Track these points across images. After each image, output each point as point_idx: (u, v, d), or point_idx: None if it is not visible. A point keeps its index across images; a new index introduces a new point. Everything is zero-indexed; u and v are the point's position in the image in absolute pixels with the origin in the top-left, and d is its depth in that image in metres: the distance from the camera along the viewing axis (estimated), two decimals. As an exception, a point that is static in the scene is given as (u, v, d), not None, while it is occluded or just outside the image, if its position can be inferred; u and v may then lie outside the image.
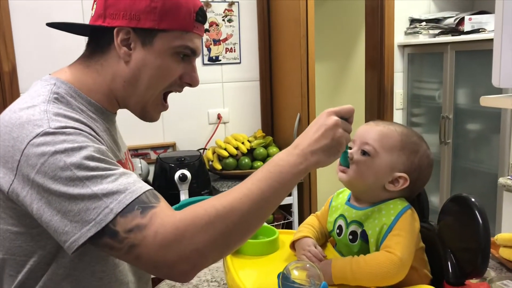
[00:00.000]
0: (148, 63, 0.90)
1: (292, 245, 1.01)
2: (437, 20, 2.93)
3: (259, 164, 2.67)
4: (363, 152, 0.94)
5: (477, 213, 0.86)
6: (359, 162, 0.94)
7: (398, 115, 3.13)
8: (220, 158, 2.72)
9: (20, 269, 0.85)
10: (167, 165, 2.42)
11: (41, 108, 0.80)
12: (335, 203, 1.04)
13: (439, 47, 2.80)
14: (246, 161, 2.67)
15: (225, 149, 2.69)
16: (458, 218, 0.92)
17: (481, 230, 0.85)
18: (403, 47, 3.06)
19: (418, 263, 0.93)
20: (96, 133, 0.85)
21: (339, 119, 0.82)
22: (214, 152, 2.75)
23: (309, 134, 0.81)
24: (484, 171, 2.65)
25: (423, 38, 2.91)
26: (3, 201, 0.81)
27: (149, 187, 0.78)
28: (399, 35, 3.04)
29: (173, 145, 2.83)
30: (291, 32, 2.64)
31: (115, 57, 0.91)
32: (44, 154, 0.74)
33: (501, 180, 2.05)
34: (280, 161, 0.79)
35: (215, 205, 0.75)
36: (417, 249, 0.92)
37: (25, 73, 2.47)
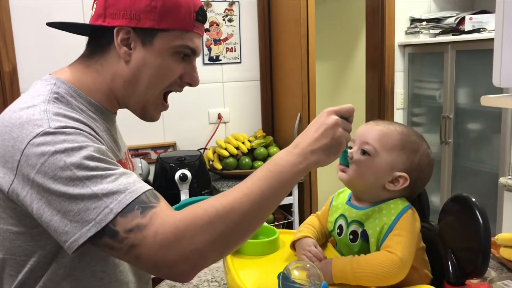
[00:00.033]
0: (148, 63, 0.90)
1: (292, 245, 1.01)
2: (437, 19, 2.93)
3: (259, 163, 2.67)
4: (363, 151, 0.94)
5: (477, 213, 0.86)
6: (359, 161, 0.93)
7: (398, 115, 3.13)
8: (220, 158, 2.72)
9: (20, 269, 0.85)
10: (168, 165, 2.42)
11: (41, 108, 0.80)
12: (336, 202, 1.04)
13: (439, 47, 2.80)
14: (246, 161, 2.67)
15: (226, 149, 2.69)
16: (458, 218, 0.92)
17: (481, 230, 0.84)
18: (403, 46, 3.05)
19: (418, 263, 0.93)
20: (96, 133, 0.85)
21: (339, 118, 0.82)
22: (214, 152, 2.75)
23: (309, 133, 0.81)
24: (484, 171, 2.65)
25: (423, 37, 2.90)
26: (3, 201, 0.81)
27: (149, 187, 0.78)
28: (400, 35, 3.03)
29: (174, 145, 2.83)
30: (292, 31, 2.64)
31: (115, 57, 0.91)
32: (44, 154, 0.74)
33: (502, 180, 2.05)
34: (280, 160, 0.79)
35: (215, 205, 0.74)
36: (418, 249, 0.92)
37: (26, 73, 2.47)
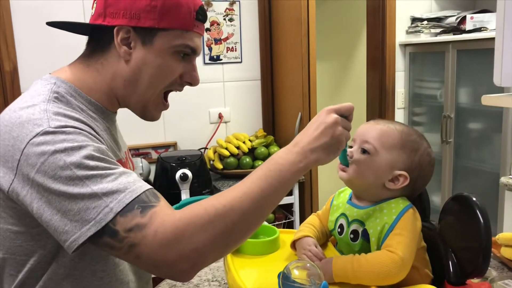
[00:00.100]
0: (148, 62, 0.90)
1: (292, 245, 1.01)
2: (438, 19, 2.92)
3: (260, 163, 2.67)
4: (363, 150, 0.94)
5: (478, 213, 0.85)
6: (359, 160, 0.93)
7: (399, 114, 3.13)
8: (221, 157, 2.72)
9: (20, 268, 0.85)
10: (168, 164, 2.42)
11: (41, 107, 0.80)
12: (337, 202, 1.04)
13: (440, 46, 2.80)
14: (247, 160, 2.67)
15: (226, 149, 2.69)
16: (459, 217, 0.92)
17: (482, 229, 0.84)
18: (404, 46, 3.05)
19: (419, 262, 0.93)
20: (96, 132, 0.85)
21: (339, 117, 0.82)
22: (215, 151, 2.75)
23: (309, 132, 0.81)
24: (485, 170, 2.65)
25: (424, 37, 2.90)
26: (3, 201, 0.81)
27: (149, 186, 0.78)
28: (401, 34, 3.03)
29: (174, 145, 2.83)
30: (293, 31, 2.64)
31: (115, 56, 0.91)
32: (44, 153, 0.74)
33: (503, 179, 2.05)
34: (279, 159, 0.79)
35: (215, 204, 0.74)
36: (419, 248, 0.92)
37: (26, 73, 2.47)
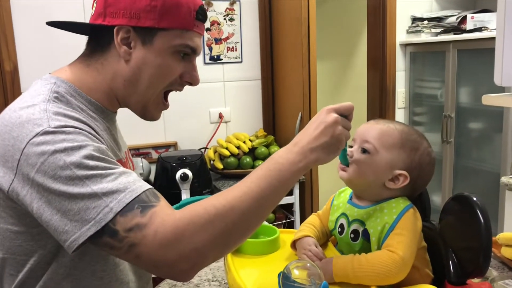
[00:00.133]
0: (148, 62, 0.90)
1: (293, 245, 1.01)
2: (439, 18, 2.92)
3: (260, 163, 2.65)
4: (363, 150, 0.94)
5: (478, 212, 0.85)
6: (359, 160, 0.93)
7: (400, 114, 3.13)
8: (221, 157, 2.72)
9: (20, 268, 0.85)
10: (169, 164, 2.42)
11: (41, 107, 0.80)
12: (337, 201, 1.04)
13: (441, 46, 2.80)
14: (247, 160, 2.67)
15: (227, 148, 2.69)
16: (459, 217, 0.92)
17: (482, 229, 0.84)
18: (405, 46, 3.05)
19: (420, 262, 0.93)
20: (96, 132, 0.85)
21: (339, 116, 0.82)
22: (215, 151, 2.75)
23: (309, 131, 0.81)
24: (486, 170, 2.64)
25: (425, 36, 2.90)
26: (3, 201, 0.81)
27: (149, 186, 0.78)
28: (401, 34, 3.03)
29: (175, 144, 2.83)
30: (293, 31, 2.64)
31: (115, 56, 0.91)
32: (44, 153, 0.74)
33: (504, 179, 2.04)
34: (279, 158, 0.79)
35: (215, 204, 0.74)
36: (419, 248, 0.92)
37: (27, 72, 2.47)
